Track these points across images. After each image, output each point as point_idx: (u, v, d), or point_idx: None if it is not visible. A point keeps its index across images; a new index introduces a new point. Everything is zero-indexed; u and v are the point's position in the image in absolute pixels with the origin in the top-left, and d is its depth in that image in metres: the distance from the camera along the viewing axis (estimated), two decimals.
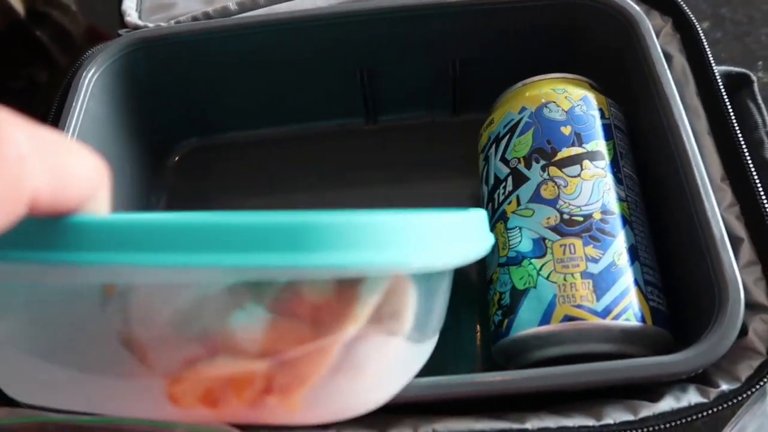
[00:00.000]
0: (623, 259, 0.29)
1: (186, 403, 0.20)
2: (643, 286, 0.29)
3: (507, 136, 0.34)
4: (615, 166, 0.32)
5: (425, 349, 0.25)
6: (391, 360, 0.21)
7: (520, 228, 0.31)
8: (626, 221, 0.30)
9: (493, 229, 0.33)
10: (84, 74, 0.37)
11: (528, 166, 0.32)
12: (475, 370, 0.33)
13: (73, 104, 0.36)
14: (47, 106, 0.44)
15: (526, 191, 0.32)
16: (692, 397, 0.26)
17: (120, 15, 0.42)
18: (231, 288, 0.18)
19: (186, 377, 0.20)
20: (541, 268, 0.29)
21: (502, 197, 0.33)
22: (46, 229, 0.17)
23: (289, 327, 0.19)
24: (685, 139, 0.31)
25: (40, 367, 0.21)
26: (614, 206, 0.30)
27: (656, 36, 0.34)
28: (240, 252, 0.17)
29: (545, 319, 0.28)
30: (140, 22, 0.41)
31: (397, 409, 0.27)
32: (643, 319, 0.28)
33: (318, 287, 0.20)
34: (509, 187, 0.33)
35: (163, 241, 0.17)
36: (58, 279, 0.18)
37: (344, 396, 0.21)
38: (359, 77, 0.41)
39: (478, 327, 0.35)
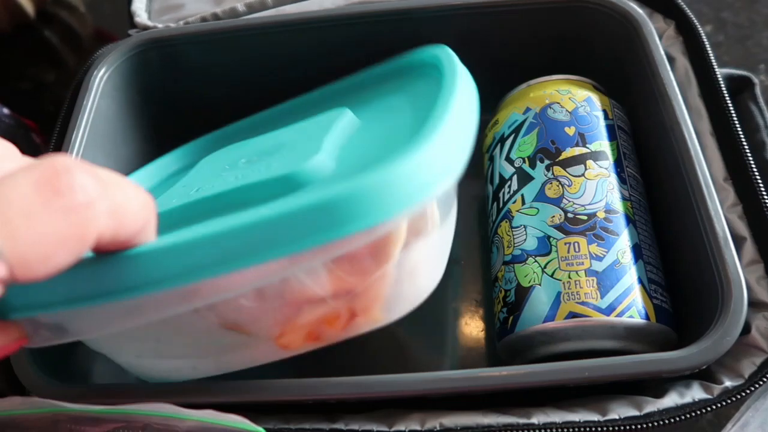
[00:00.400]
0: (627, 257, 0.29)
1: (296, 346, 0.25)
2: (646, 283, 0.29)
3: (512, 136, 0.35)
4: (618, 166, 0.32)
5: (450, 230, 0.29)
6: (431, 253, 0.26)
7: (525, 226, 0.31)
8: (630, 220, 0.31)
9: (497, 227, 0.33)
10: (95, 73, 0.37)
11: (533, 166, 0.33)
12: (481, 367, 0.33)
13: (84, 103, 0.36)
14: (56, 106, 0.44)
15: (530, 190, 0.32)
16: (696, 393, 0.26)
17: (129, 15, 0.43)
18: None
19: (286, 332, 0.25)
20: (545, 266, 0.30)
21: (507, 196, 0.33)
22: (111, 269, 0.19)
23: (352, 268, 0.23)
24: (687, 139, 0.31)
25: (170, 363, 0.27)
26: (618, 205, 0.31)
27: (659, 38, 0.35)
28: (293, 242, 0.19)
29: (550, 315, 0.29)
30: (150, 23, 0.42)
31: (405, 403, 0.27)
32: (647, 317, 0.28)
33: None
34: (514, 186, 0.33)
35: (229, 248, 0.19)
36: (152, 314, 0.21)
37: (409, 295, 0.25)
38: None
39: (483, 324, 0.35)
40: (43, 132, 0.47)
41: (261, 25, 0.39)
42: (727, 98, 0.33)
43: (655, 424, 0.25)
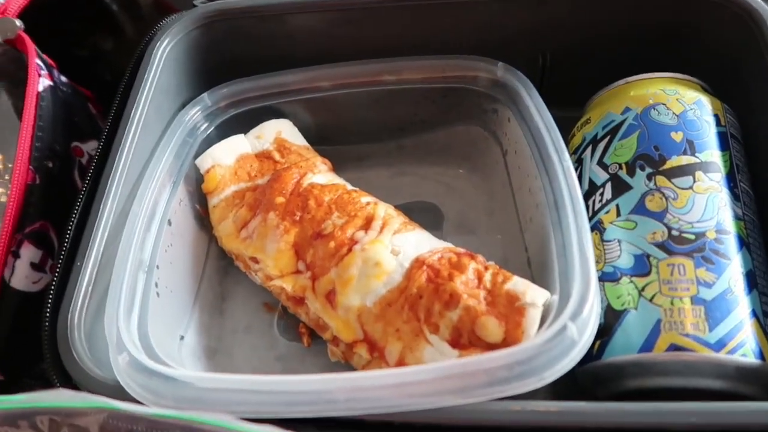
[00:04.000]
0: (739, 286, 0.26)
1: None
2: (761, 318, 0.25)
3: (606, 139, 0.31)
4: (731, 180, 0.29)
5: None
6: None
7: (620, 241, 0.28)
8: (743, 243, 0.27)
9: None
10: (157, 45, 0.35)
11: (631, 174, 0.29)
12: (556, 392, 0.30)
13: (146, 75, 0.34)
14: (113, 75, 0.43)
15: (627, 201, 0.29)
16: None
17: None
18: None
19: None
20: (643, 288, 0.26)
21: (598, 205, 0.30)
22: None
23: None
24: None
25: None
26: (730, 225, 0.27)
27: None
28: None
29: (647, 345, 0.25)
30: None
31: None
32: (761, 356, 0.25)
33: None
34: (608, 195, 0.30)
35: None
36: None
37: None
38: None
39: None
40: (100, 102, 0.46)
41: (333, 2, 0.36)
42: None
43: None
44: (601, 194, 0.30)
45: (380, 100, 0.38)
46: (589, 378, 0.28)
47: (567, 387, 0.29)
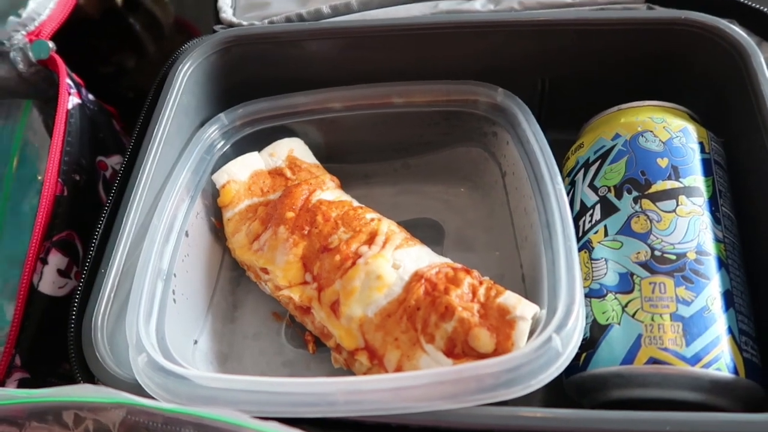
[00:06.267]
0: (717, 305, 0.27)
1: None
2: (737, 335, 0.27)
3: (597, 163, 0.33)
4: (713, 205, 0.30)
5: None
6: None
7: (607, 260, 0.30)
8: (722, 264, 0.29)
9: None
10: (180, 68, 0.38)
11: (619, 196, 0.31)
12: (539, 400, 0.32)
13: (168, 96, 0.37)
14: (135, 92, 0.45)
15: (615, 222, 0.31)
16: None
17: (215, 11, 0.43)
18: None
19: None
20: (626, 305, 0.28)
21: (588, 225, 0.32)
22: None
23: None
24: None
25: None
26: (710, 247, 0.29)
27: None
28: None
29: (628, 358, 0.27)
30: (234, 20, 0.42)
31: None
32: (735, 371, 0.26)
33: None
34: (597, 216, 0.32)
35: None
36: None
37: None
38: None
39: None
40: (123, 118, 0.48)
41: (347, 30, 0.38)
42: None
43: None
44: (591, 215, 0.32)
45: (387, 121, 0.40)
46: (576, 388, 0.30)
47: (558, 397, 0.31)
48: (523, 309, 0.28)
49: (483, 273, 0.31)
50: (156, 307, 0.30)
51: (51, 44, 0.40)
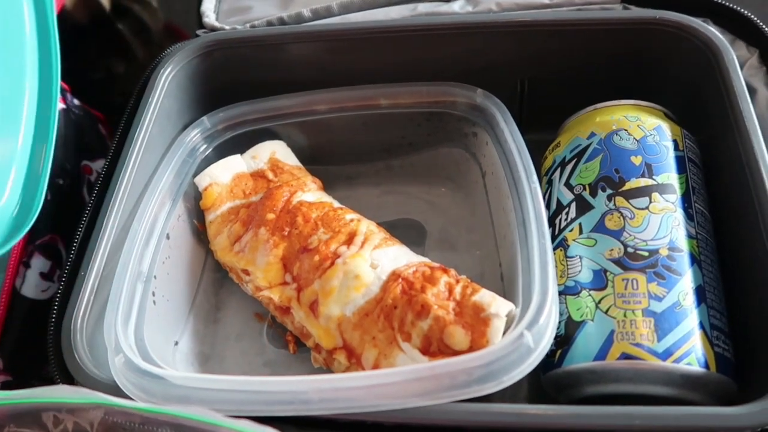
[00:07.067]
0: (689, 300, 0.28)
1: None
2: (708, 330, 0.27)
3: (573, 161, 0.33)
4: (686, 201, 0.31)
5: None
6: None
7: (581, 257, 0.30)
8: (695, 260, 0.29)
9: None
10: (162, 72, 0.38)
11: (593, 194, 0.31)
12: (523, 397, 0.32)
13: (150, 99, 0.37)
14: (124, 97, 0.46)
15: (589, 220, 0.31)
16: None
17: (198, 16, 0.43)
18: None
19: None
20: (600, 301, 0.28)
21: (563, 223, 0.32)
22: None
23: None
24: (764, 176, 0.29)
25: None
26: (683, 243, 0.29)
27: (741, 67, 0.33)
28: None
29: (601, 354, 0.27)
30: (217, 24, 0.42)
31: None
32: (706, 365, 0.26)
33: None
34: (572, 214, 0.32)
35: None
36: None
37: None
38: None
39: None
40: (110, 123, 0.49)
41: (327, 32, 0.39)
42: None
43: None
44: (567, 213, 0.32)
45: (370, 123, 0.40)
46: (553, 385, 0.30)
47: (541, 394, 0.31)
48: (498, 306, 0.28)
49: (464, 272, 0.32)
50: (135, 309, 0.31)
51: None
